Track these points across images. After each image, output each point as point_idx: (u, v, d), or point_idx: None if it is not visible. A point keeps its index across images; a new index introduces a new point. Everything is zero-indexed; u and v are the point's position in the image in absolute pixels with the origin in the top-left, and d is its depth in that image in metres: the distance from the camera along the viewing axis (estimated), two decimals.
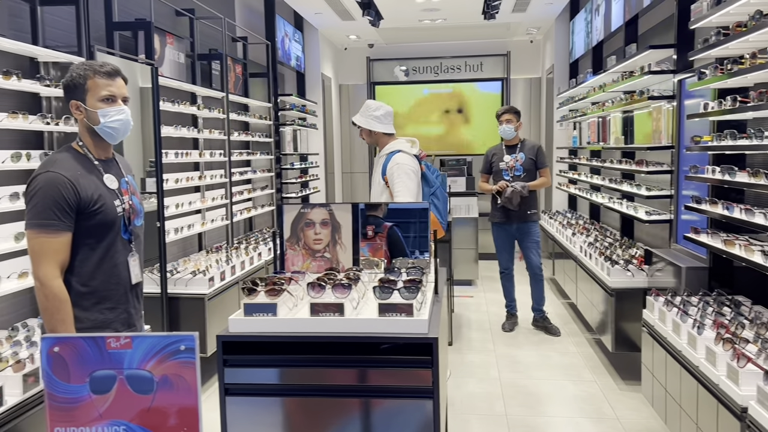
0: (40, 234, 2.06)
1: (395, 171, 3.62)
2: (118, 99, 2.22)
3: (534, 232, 5.52)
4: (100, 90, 2.18)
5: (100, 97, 2.18)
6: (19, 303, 3.41)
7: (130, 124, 2.26)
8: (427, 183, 3.82)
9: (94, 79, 2.18)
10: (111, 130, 2.22)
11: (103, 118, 2.19)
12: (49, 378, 1.21)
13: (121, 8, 4.46)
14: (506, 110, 5.50)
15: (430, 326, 2.15)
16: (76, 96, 2.19)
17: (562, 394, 4.24)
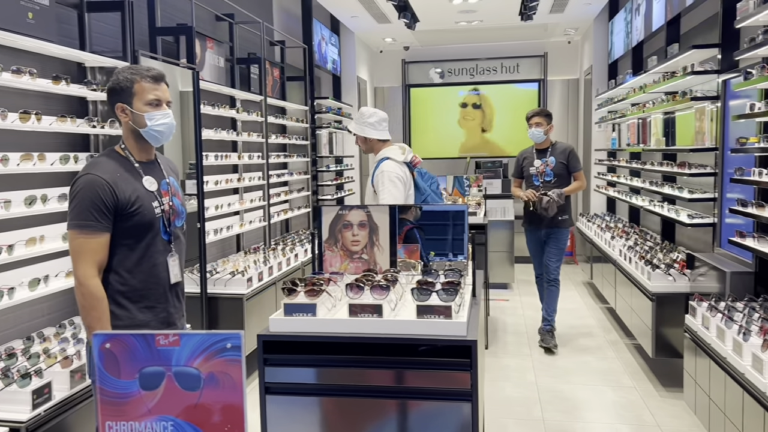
0: (79, 234, 2.12)
1: (380, 179, 3.54)
2: (163, 103, 2.28)
3: (561, 239, 5.27)
4: (146, 94, 2.24)
5: (147, 101, 2.24)
6: (66, 301, 3.52)
7: (174, 127, 2.32)
8: (418, 190, 3.72)
9: (141, 83, 2.23)
10: (156, 133, 2.27)
11: (150, 121, 2.24)
12: (101, 373, 1.25)
13: (164, 14, 4.56)
14: (535, 113, 5.28)
15: (469, 328, 2.15)
16: (122, 99, 2.24)
17: (601, 399, 4.18)
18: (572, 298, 6.98)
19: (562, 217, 5.18)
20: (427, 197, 3.70)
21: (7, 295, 2.80)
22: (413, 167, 3.69)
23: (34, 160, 3.00)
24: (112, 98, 2.26)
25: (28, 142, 3.24)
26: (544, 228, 5.24)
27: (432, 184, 3.81)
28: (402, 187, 3.53)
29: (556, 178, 5.19)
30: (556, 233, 5.24)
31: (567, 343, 5.34)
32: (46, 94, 3.34)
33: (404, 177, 3.56)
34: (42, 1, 3.19)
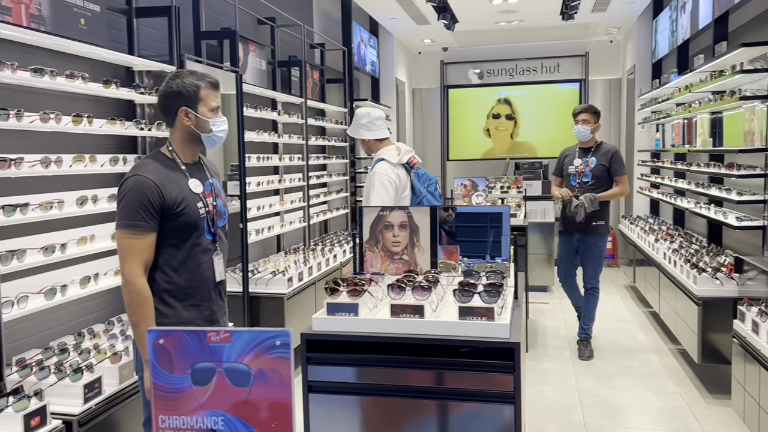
0: (127, 234, 2.18)
1: (371, 180, 3.47)
2: (219, 110, 2.36)
3: (597, 247, 4.94)
4: (210, 101, 2.32)
5: (211, 107, 2.32)
6: (114, 299, 3.62)
7: (227, 132, 2.43)
8: (413, 192, 3.63)
9: (206, 90, 2.31)
10: (217, 138, 2.37)
11: (213, 127, 2.33)
12: (155, 368, 1.29)
13: (208, 18, 4.66)
14: (583, 109, 4.99)
15: (512, 330, 2.14)
16: (187, 103, 2.29)
17: (644, 405, 4.09)
18: (614, 301, 6.86)
19: (597, 223, 4.85)
20: (422, 199, 3.59)
21: (60, 292, 2.90)
22: (410, 168, 3.59)
23: (86, 161, 3.10)
24: (174, 101, 2.29)
25: (79, 144, 3.35)
26: (576, 233, 4.96)
27: (429, 185, 3.67)
28: (392, 189, 3.43)
29: (594, 180, 4.88)
30: (590, 240, 4.93)
31: (609, 347, 5.25)
32: (96, 98, 3.45)
33: (396, 179, 3.46)
34: (93, 8, 3.30)
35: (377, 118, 3.60)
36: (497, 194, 6.53)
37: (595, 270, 4.98)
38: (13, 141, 2.90)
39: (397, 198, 3.47)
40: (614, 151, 4.95)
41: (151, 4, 3.95)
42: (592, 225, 4.85)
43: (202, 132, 2.33)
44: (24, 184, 2.93)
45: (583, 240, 4.94)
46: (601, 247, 4.98)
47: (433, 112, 10.95)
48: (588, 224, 4.84)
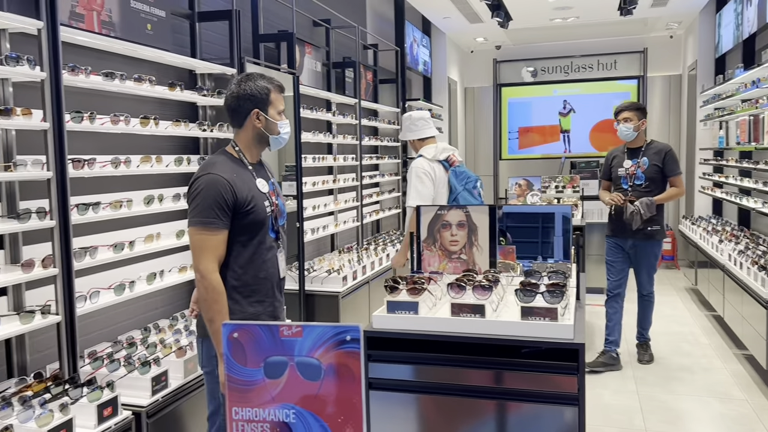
0: (201, 231, 2.24)
1: (410, 175, 3.76)
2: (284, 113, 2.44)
3: (652, 253, 4.63)
4: (278, 104, 2.40)
5: (279, 110, 2.40)
6: (177, 295, 3.74)
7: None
8: (450, 189, 3.78)
9: (275, 93, 2.39)
10: (283, 140, 2.45)
11: (282, 129, 2.41)
12: (229, 362, 1.33)
13: (266, 21, 4.75)
14: (625, 107, 4.63)
15: (576, 331, 2.11)
16: (259, 106, 2.36)
17: (708, 412, 3.96)
18: (674, 304, 6.65)
19: (653, 228, 4.54)
20: (457, 196, 3.75)
21: (128, 288, 3.01)
22: (449, 166, 3.77)
23: (152, 161, 3.21)
24: (247, 103, 2.35)
25: (146, 145, 3.47)
26: (630, 239, 4.61)
27: (468, 183, 3.80)
28: (428, 180, 3.68)
29: (648, 182, 4.54)
30: (646, 247, 4.61)
31: (669, 351, 5.10)
32: (161, 100, 3.56)
33: (432, 172, 3.69)
34: (159, 13, 3.41)
35: (418, 119, 3.88)
36: (552, 194, 6.43)
37: (650, 276, 4.73)
38: (86, 142, 3.03)
39: (435, 190, 3.70)
40: (667, 150, 4.61)
41: (212, 8, 4.06)
42: (648, 230, 4.53)
43: (270, 134, 2.39)
44: (95, 183, 3.06)
45: (638, 246, 4.62)
46: (657, 253, 4.68)
47: (485, 110, 10.86)
48: (644, 230, 4.52)
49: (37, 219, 2.54)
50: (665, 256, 8.76)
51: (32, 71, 2.51)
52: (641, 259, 4.66)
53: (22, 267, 2.50)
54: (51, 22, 2.55)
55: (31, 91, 2.65)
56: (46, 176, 2.57)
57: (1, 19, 2.44)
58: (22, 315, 2.48)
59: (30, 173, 2.52)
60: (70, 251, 2.63)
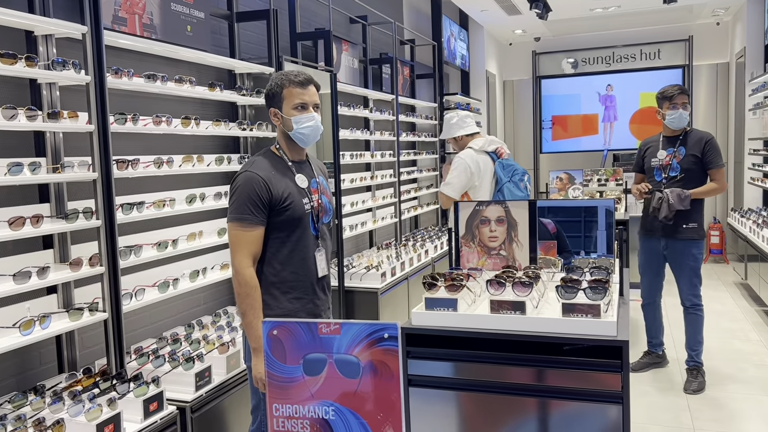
0: (237, 227, 2.28)
1: (453, 164, 3.90)
2: (309, 106, 2.39)
3: (690, 254, 4.12)
4: (293, 99, 2.37)
5: (294, 105, 2.37)
6: (219, 291, 3.80)
7: (319, 129, 2.44)
8: (496, 179, 3.94)
9: (289, 89, 2.37)
10: (302, 135, 2.40)
11: (296, 124, 2.38)
12: (269, 359, 1.34)
13: (303, 19, 4.78)
14: (682, 90, 4.13)
15: (619, 328, 2.06)
16: (274, 104, 2.40)
17: (761, 410, 3.83)
18: (723, 299, 6.46)
19: (688, 225, 4.08)
20: (502, 187, 3.87)
21: (172, 286, 3.08)
22: (497, 158, 3.94)
23: (194, 161, 3.27)
24: (268, 103, 2.42)
25: (187, 145, 3.53)
26: (663, 238, 4.19)
27: (514, 175, 3.92)
28: (465, 178, 3.83)
29: (683, 174, 4.09)
30: (679, 247, 4.14)
31: (718, 347, 4.95)
32: (202, 100, 3.62)
33: (474, 165, 3.84)
34: (198, 15, 3.47)
35: (466, 116, 4.05)
36: (594, 187, 6.31)
37: (692, 283, 4.17)
38: (129, 143, 3.11)
39: (469, 182, 3.85)
40: (708, 138, 4.11)
41: (250, 8, 4.11)
42: (682, 228, 4.08)
43: (288, 130, 2.39)
44: (138, 183, 3.13)
45: (671, 246, 4.17)
46: (696, 255, 4.14)
47: (524, 103, 10.72)
48: (677, 227, 4.09)
49: (84, 219, 2.62)
50: (713, 250, 8.51)
51: (78, 75, 2.58)
52: (677, 262, 4.19)
53: (71, 266, 2.58)
54: (95, 27, 2.62)
55: (77, 94, 2.73)
56: (92, 177, 2.64)
57: (48, 24, 2.51)
58: (71, 312, 2.55)
59: (77, 174, 2.60)
60: (115, 250, 2.70)
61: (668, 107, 4.12)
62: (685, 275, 4.18)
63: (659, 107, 4.21)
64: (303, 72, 2.40)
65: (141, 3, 3.08)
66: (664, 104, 4.15)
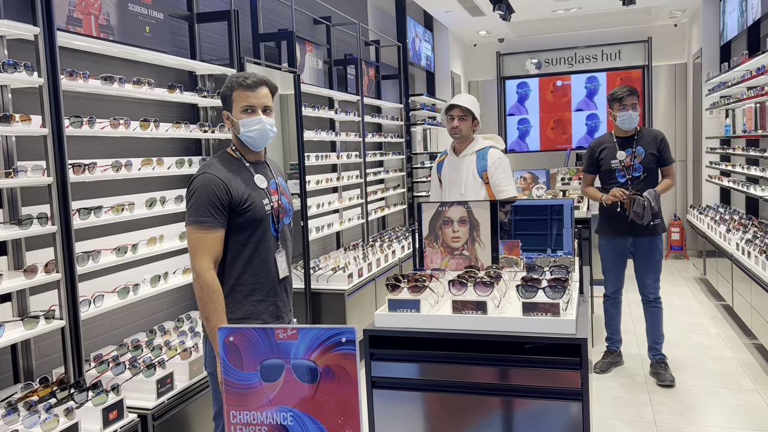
0: (196, 230, 2.24)
1: (499, 166, 3.71)
2: (258, 109, 2.34)
3: (655, 249, 4.22)
4: (241, 101, 2.34)
5: (241, 108, 2.34)
6: (182, 296, 3.74)
7: (268, 132, 2.37)
8: None
9: (238, 91, 2.34)
10: (250, 138, 2.36)
11: (243, 127, 2.34)
12: (226, 365, 1.32)
13: (266, 20, 4.75)
14: (630, 91, 4.15)
15: (578, 326, 2.09)
16: (226, 107, 2.39)
17: (719, 403, 3.93)
18: (683, 294, 6.61)
19: (655, 222, 4.14)
20: None
21: (132, 291, 3.02)
22: None
23: (153, 164, 3.22)
24: (222, 106, 2.42)
25: (147, 148, 3.47)
26: (631, 236, 4.21)
27: None
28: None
29: (645, 173, 4.15)
30: (649, 243, 4.20)
31: (679, 342, 5.07)
32: (162, 102, 3.57)
33: None
34: (157, 15, 3.41)
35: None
36: (558, 186, 6.40)
37: (656, 278, 4.28)
38: (86, 147, 3.04)
39: None
40: (662, 136, 4.22)
41: (211, 9, 4.06)
42: (650, 225, 4.13)
43: (237, 133, 2.37)
44: (96, 187, 3.07)
45: (640, 243, 4.21)
46: (661, 250, 4.27)
47: (489, 104, 10.82)
48: (645, 225, 4.11)
49: (39, 225, 2.55)
50: (674, 246, 8.71)
51: (30, 77, 2.52)
52: (645, 258, 4.25)
53: (25, 273, 2.51)
54: (48, 28, 2.55)
55: (30, 97, 2.66)
56: (46, 182, 2.58)
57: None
58: (26, 320, 2.49)
59: (30, 179, 2.53)
60: (72, 256, 2.64)
61: (618, 108, 4.17)
62: (651, 270, 4.26)
63: (610, 108, 4.27)
64: (254, 74, 2.36)
65: (97, 3, 3.02)
66: (614, 105, 4.20)
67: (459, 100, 3.75)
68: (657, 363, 4.35)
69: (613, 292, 4.45)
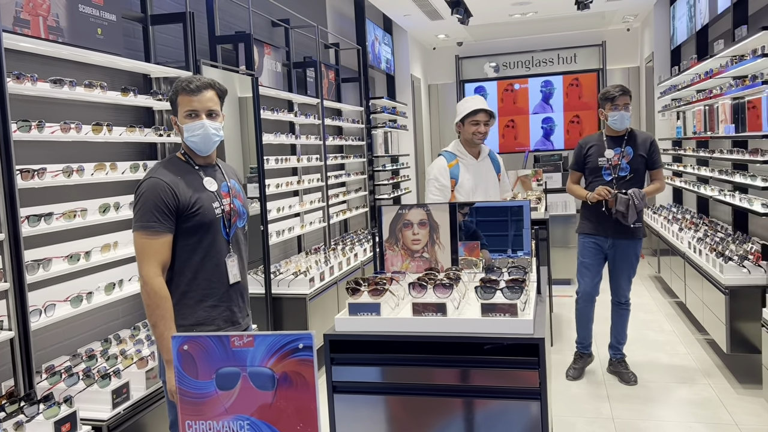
0: (143, 235, 2.20)
1: (506, 172, 3.94)
2: (201, 114, 2.30)
3: (633, 253, 4.20)
4: (184, 106, 2.30)
5: (185, 112, 2.30)
6: (139, 304, 3.66)
7: (211, 137, 2.32)
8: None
9: (182, 96, 2.30)
10: (193, 143, 2.32)
11: (186, 132, 2.31)
12: (180, 374, 1.30)
13: (223, 22, 4.69)
14: (623, 90, 4.08)
15: (536, 326, 2.12)
16: (173, 111, 2.36)
17: (673, 397, 4.04)
18: (639, 292, 6.77)
19: (637, 224, 4.08)
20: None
21: (85, 299, 2.94)
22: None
23: (107, 169, 3.14)
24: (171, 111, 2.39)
25: (100, 153, 3.39)
26: (612, 237, 4.16)
27: None
28: None
29: (632, 174, 4.10)
30: (628, 246, 4.16)
31: (635, 339, 5.18)
32: (115, 106, 3.49)
33: None
34: (110, 17, 3.33)
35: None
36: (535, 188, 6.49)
37: (630, 280, 4.29)
38: (36, 152, 2.95)
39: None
40: (652, 140, 4.17)
41: (166, 11, 3.99)
42: (633, 227, 4.08)
43: (182, 138, 2.34)
44: (47, 194, 2.97)
45: (619, 245, 4.17)
46: (638, 252, 4.23)
47: (449, 107, 10.92)
48: (627, 226, 4.07)
49: None
50: None
51: None
52: (622, 261, 4.21)
53: None
54: None
55: None
56: None
57: None
58: None
59: None
60: (21, 264, 2.55)
61: (610, 108, 4.10)
62: (626, 273, 4.25)
63: (602, 108, 4.20)
64: (199, 78, 2.33)
65: (45, 4, 2.93)
66: (606, 105, 4.14)
67: (482, 104, 3.71)
68: (618, 362, 4.42)
69: (588, 293, 4.33)
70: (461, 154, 3.77)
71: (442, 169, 3.70)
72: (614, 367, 4.44)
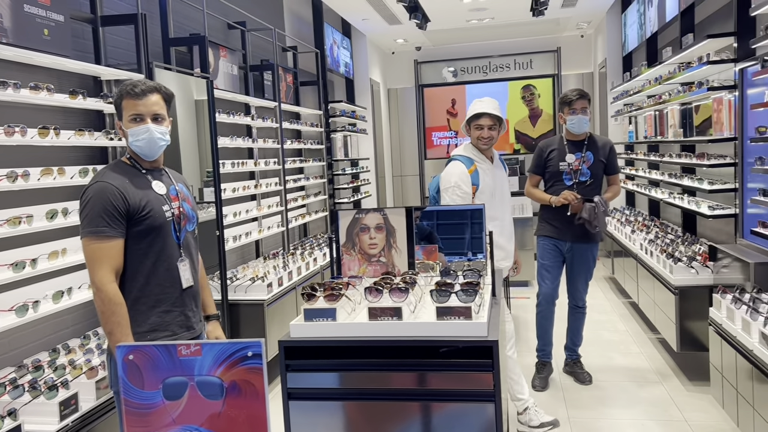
0: (93, 241, 2.14)
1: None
2: (146, 118, 2.26)
3: (591, 257, 4.22)
4: (129, 110, 2.26)
5: (128, 117, 2.26)
6: (89, 312, 3.56)
7: (156, 141, 2.28)
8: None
9: (126, 100, 2.26)
10: (138, 148, 2.28)
11: (131, 137, 2.27)
12: (125, 385, 1.26)
13: (177, 24, 4.61)
14: (580, 94, 4.08)
15: (490, 329, 2.14)
16: (118, 116, 2.31)
17: (627, 396, 4.13)
18: (594, 293, 6.89)
19: (594, 229, 4.07)
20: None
21: (32, 309, 2.84)
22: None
23: (54, 174, 3.05)
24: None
25: (48, 157, 3.29)
26: (569, 241, 4.17)
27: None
28: None
29: (592, 179, 4.12)
30: (586, 250, 4.18)
31: (590, 339, 5.27)
32: (64, 109, 3.39)
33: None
34: (57, 18, 3.24)
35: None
36: None
37: (587, 284, 4.33)
38: None
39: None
40: (611, 145, 4.23)
41: (117, 12, 3.90)
42: (591, 232, 4.08)
43: (128, 143, 2.29)
44: None
45: (577, 249, 4.19)
46: (596, 255, 4.28)
47: (408, 111, 10.97)
48: (586, 231, 4.07)
49: None
50: None
51: None
52: (580, 264, 4.23)
53: None
54: None
55: None
56: None
57: None
58: None
59: None
60: None
61: (568, 112, 4.10)
62: (583, 276, 4.27)
63: (560, 112, 4.20)
64: (144, 82, 2.29)
65: None
66: (564, 109, 4.14)
67: (486, 107, 3.51)
68: (573, 363, 4.52)
69: (549, 296, 4.30)
70: (479, 159, 3.57)
71: (464, 176, 3.49)
72: (570, 367, 4.53)
